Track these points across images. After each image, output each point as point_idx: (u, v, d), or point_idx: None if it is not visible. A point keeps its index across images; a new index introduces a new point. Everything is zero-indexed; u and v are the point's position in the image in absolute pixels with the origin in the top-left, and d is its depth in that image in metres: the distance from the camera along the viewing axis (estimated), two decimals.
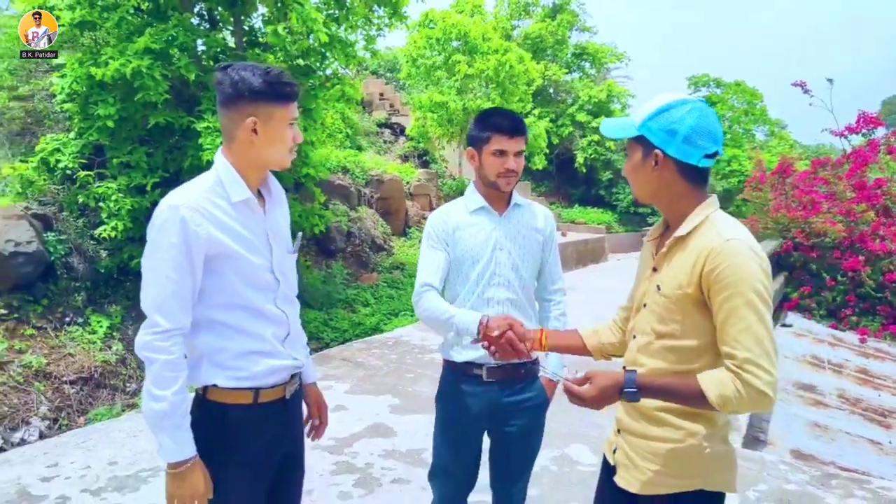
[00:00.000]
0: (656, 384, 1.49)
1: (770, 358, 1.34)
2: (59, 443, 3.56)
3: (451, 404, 2.16)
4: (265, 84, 1.57)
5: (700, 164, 1.48)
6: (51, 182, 7.11)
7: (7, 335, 6.30)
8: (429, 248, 2.16)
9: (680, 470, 1.50)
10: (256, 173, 1.68)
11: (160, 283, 1.53)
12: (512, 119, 2.09)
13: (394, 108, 20.65)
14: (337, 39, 8.30)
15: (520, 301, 2.14)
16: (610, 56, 24.02)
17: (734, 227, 1.45)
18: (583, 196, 22.86)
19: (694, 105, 1.48)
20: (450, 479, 2.21)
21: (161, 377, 1.50)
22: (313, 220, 8.53)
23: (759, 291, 1.36)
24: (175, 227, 1.52)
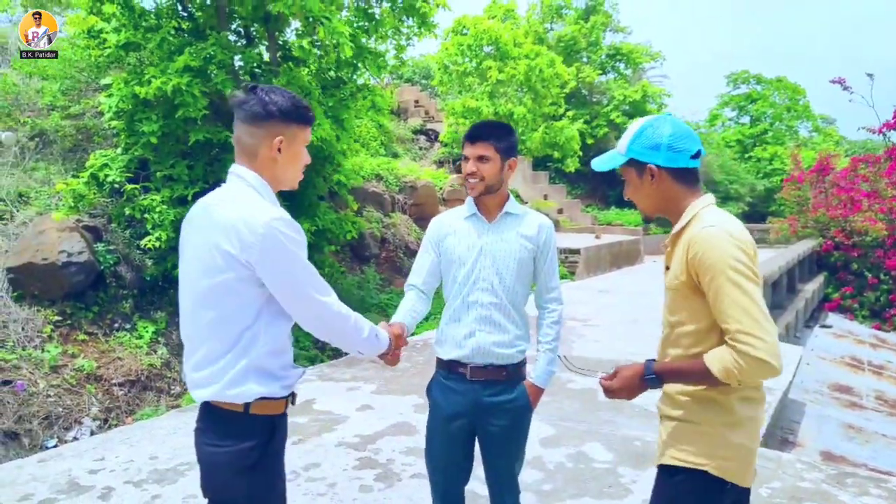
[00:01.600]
0: (670, 368, 1.63)
1: (761, 326, 1.43)
2: (105, 439, 3.85)
3: (438, 398, 2.30)
4: (294, 107, 1.69)
5: (689, 165, 1.64)
6: (100, 196, 7.53)
7: (61, 341, 6.72)
8: (422, 249, 2.37)
9: (691, 447, 1.61)
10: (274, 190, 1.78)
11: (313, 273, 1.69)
12: (476, 127, 2.23)
13: (429, 114, 20.90)
14: (366, 50, 8.55)
15: (503, 305, 2.22)
16: (644, 56, 23.81)
17: (718, 217, 1.58)
18: (619, 198, 22.58)
19: (664, 118, 1.68)
20: (438, 469, 2.33)
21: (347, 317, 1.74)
22: (346, 226, 8.79)
23: (737, 268, 1.47)
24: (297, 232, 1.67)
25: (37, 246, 6.92)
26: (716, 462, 1.58)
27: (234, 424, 1.65)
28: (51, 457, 3.56)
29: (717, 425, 1.59)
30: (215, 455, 1.65)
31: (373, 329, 1.86)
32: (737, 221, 1.60)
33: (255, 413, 1.65)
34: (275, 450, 1.72)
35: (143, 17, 7.60)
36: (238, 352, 1.63)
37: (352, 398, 4.66)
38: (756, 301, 1.46)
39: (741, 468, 1.60)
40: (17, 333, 6.49)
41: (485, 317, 2.21)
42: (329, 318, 1.71)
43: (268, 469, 1.68)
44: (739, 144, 29.50)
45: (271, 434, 1.69)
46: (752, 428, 1.61)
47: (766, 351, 1.42)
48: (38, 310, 6.82)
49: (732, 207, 23.15)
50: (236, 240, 1.60)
